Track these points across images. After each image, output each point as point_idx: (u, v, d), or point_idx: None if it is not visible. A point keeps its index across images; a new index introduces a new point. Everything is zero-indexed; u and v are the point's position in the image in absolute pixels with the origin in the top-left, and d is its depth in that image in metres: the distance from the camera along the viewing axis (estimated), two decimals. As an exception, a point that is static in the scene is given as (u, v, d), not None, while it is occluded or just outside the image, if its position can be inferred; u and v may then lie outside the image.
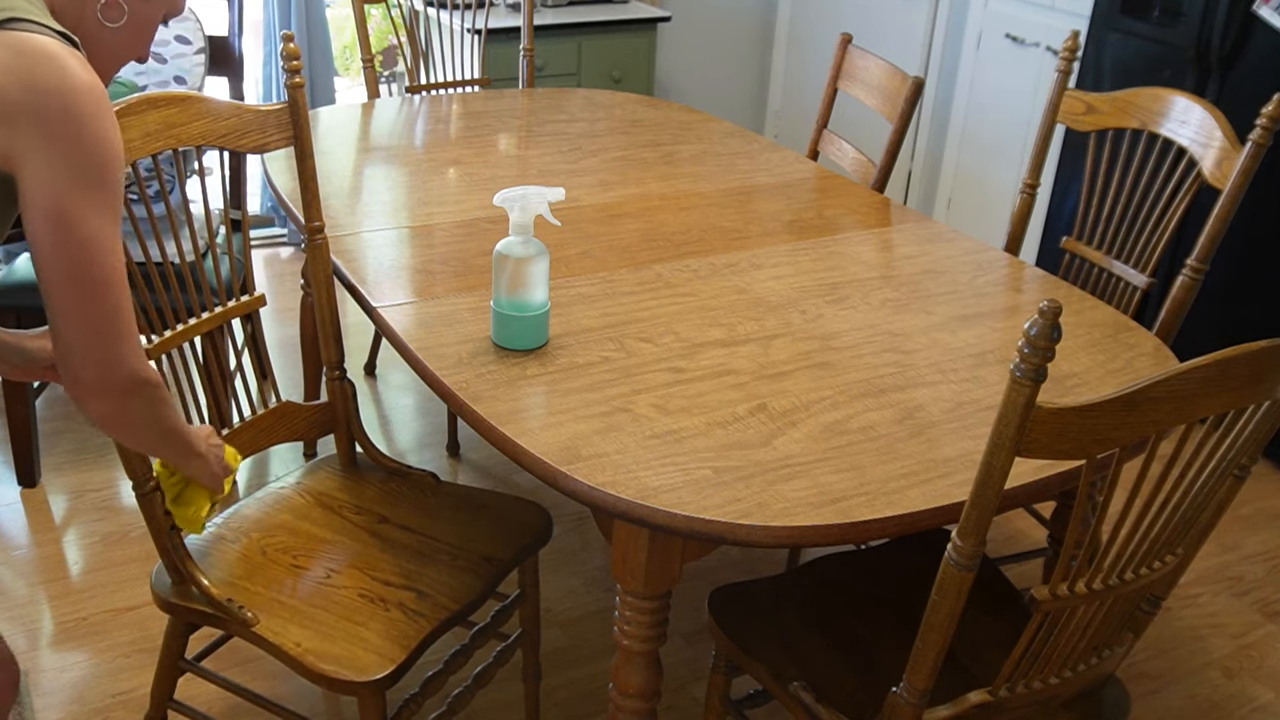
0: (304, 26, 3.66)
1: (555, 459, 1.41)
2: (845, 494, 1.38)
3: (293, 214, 2.08)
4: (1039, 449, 1.10)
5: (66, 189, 1.14)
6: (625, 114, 2.87)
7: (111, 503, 2.61)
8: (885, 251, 2.12)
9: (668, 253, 2.05)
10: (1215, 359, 1.11)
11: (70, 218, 1.14)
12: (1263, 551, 2.72)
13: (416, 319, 1.75)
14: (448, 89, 3.17)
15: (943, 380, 1.66)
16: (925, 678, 1.29)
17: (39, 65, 1.12)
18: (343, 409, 1.91)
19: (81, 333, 1.20)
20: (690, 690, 2.19)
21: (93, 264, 1.17)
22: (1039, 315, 1.05)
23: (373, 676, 1.50)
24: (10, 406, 2.58)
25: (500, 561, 1.72)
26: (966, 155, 4.03)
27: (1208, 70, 2.93)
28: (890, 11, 4.25)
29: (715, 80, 4.84)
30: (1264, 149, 1.88)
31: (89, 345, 1.21)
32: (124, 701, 2.08)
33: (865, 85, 2.67)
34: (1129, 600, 1.36)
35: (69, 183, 1.14)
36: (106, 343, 1.21)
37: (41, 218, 1.14)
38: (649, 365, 1.65)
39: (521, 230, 1.62)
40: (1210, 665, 2.35)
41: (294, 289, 3.69)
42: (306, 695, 2.12)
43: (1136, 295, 2.09)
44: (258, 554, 1.72)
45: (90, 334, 1.20)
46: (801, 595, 1.70)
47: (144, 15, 1.32)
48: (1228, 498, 1.37)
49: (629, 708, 1.55)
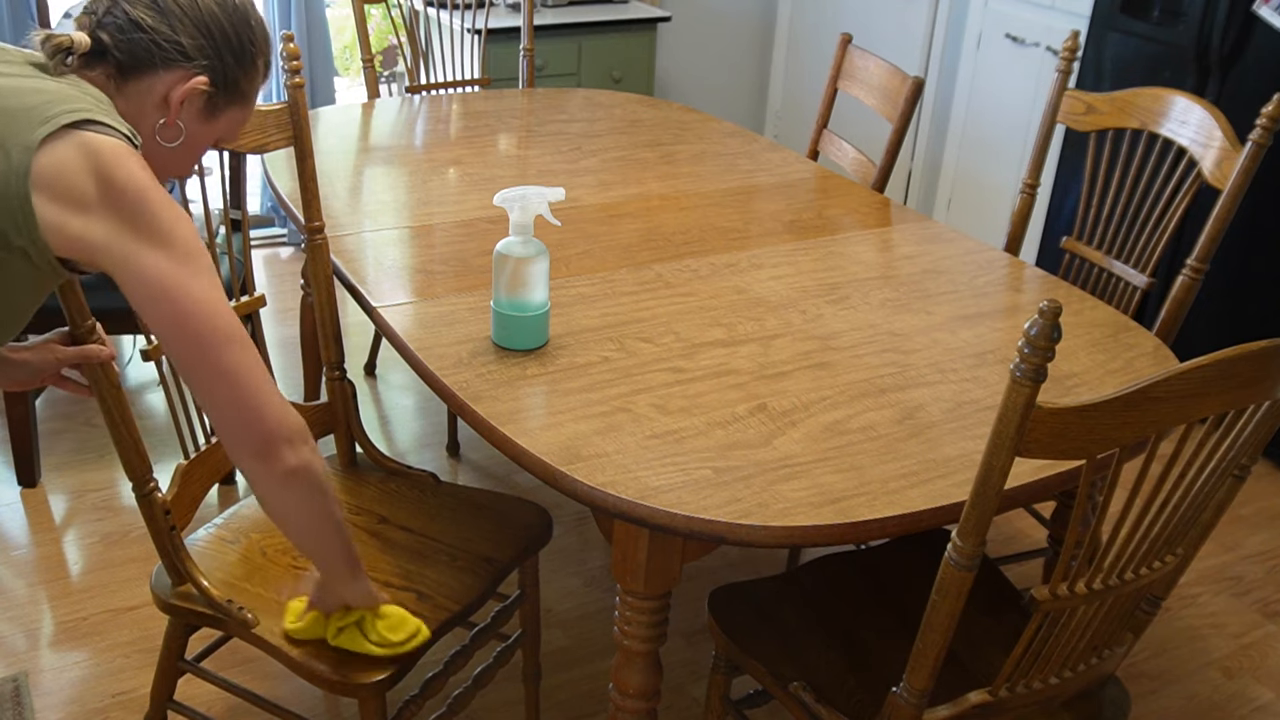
0: (304, 26, 3.66)
1: (555, 459, 1.41)
2: (845, 494, 1.38)
3: (293, 214, 2.08)
4: (1039, 449, 1.10)
5: (162, 268, 1.19)
6: (625, 114, 2.86)
7: (111, 503, 2.61)
8: (885, 251, 2.12)
9: (668, 253, 2.05)
10: (1215, 359, 1.11)
11: (174, 291, 1.19)
12: (1263, 551, 2.72)
13: (416, 319, 1.75)
14: (448, 89, 3.17)
15: (943, 380, 1.66)
16: (925, 678, 1.29)
17: (111, 163, 1.16)
18: (342, 409, 1.91)
19: (222, 394, 1.23)
20: (690, 690, 2.19)
21: (209, 322, 1.21)
22: (1039, 315, 1.05)
23: (373, 678, 1.50)
24: (10, 407, 2.58)
25: (500, 562, 1.72)
26: (966, 155, 4.03)
27: (1208, 70, 2.93)
28: (890, 11, 4.25)
29: (715, 80, 4.84)
30: (1264, 149, 1.88)
31: (231, 404, 1.24)
32: (124, 702, 2.08)
33: (865, 85, 2.67)
34: (1129, 600, 1.36)
35: (162, 262, 1.19)
36: (245, 398, 1.24)
37: (151, 302, 1.20)
38: (649, 365, 1.65)
39: (521, 230, 1.62)
40: (1210, 665, 2.35)
41: (294, 289, 3.69)
42: (306, 696, 2.12)
43: (1136, 295, 2.09)
44: (258, 555, 1.72)
45: (229, 392, 1.23)
46: (801, 595, 1.70)
47: (199, 138, 1.35)
48: (1228, 498, 1.37)
49: (629, 708, 1.55)
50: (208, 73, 1.29)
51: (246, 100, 1.37)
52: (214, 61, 1.30)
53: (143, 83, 1.27)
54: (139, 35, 1.25)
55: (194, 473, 1.67)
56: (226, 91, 1.33)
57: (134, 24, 1.25)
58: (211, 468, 1.72)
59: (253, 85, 1.36)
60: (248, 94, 1.37)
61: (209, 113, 1.33)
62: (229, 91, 1.33)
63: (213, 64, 1.30)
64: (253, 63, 1.35)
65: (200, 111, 1.32)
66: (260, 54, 1.36)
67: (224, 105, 1.34)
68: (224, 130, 1.38)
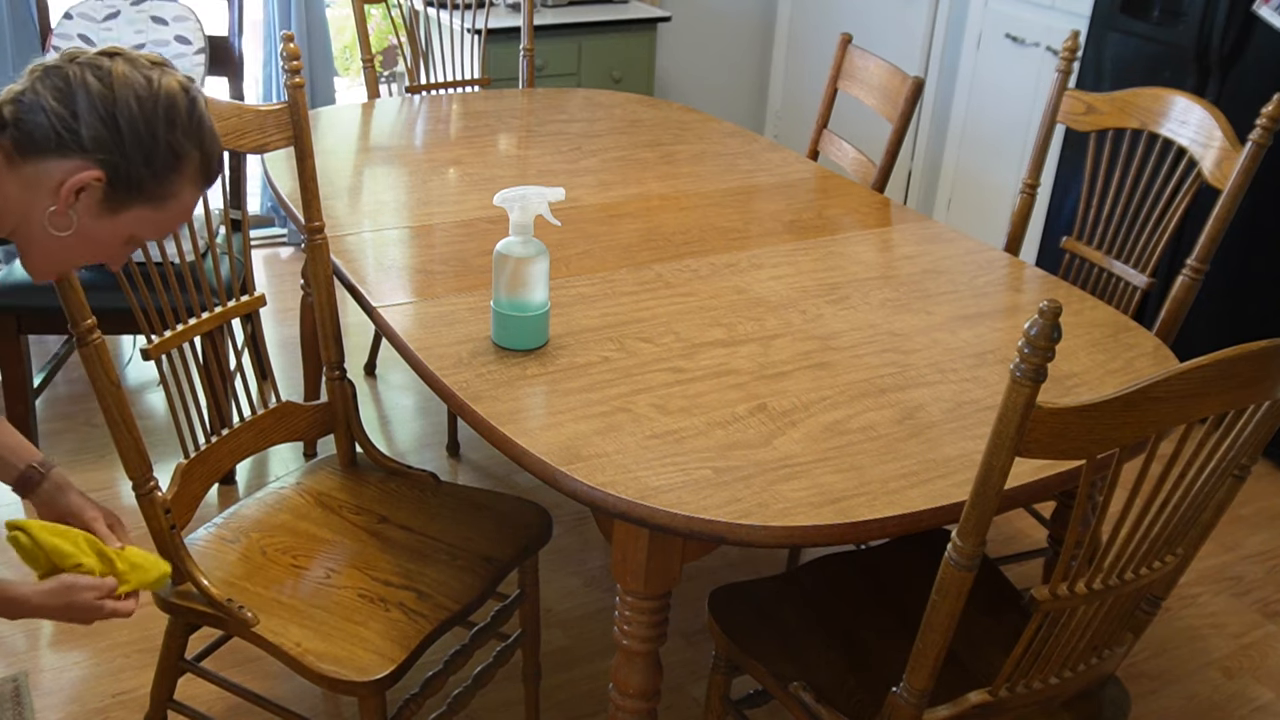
0: (304, 26, 3.66)
1: (555, 459, 1.41)
2: (845, 494, 1.38)
3: (293, 214, 2.08)
4: (1039, 449, 1.10)
5: None
6: (625, 114, 2.86)
7: (111, 503, 2.61)
8: (885, 251, 2.12)
9: (668, 253, 2.05)
10: (1215, 359, 1.11)
11: None
12: (1263, 551, 2.72)
13: (416, 319, 1.75)
14: (448, 89, 3.17)
15: (943, 380, 1.66)
16: (925, 678, 1.29)
17: None
18: (343, 409, 1.91)
19: None
20: (690, 690, 2.19)
21: None
22: (1039, 315, 1.05)
23: (373, 676, 1.50)
24: (10, 406, 2.58)
25: (500, 561, 1.72)
26: (966, 155, 4.03)
27: (1208, 70, 2.93)
28: (890, 11, 4.25)
29: (715, 80, 4.84)
30: (1264, 149, 1.88)
31: None
32: (124, 702, 2.08)
33: (865, 85, 2.67)
34: (1129, 600, 1.36)
35: None
36: None
37: None
38: (649, 365, 1.65)
39: (521, 230, 1.62)
40: (1210, 665, 2.35)
41: (294, 289, 3.69)
42: (306, 695, 2.12)
43: (1136, 295, 2.09)
44: (258, 554, 1.72)
45: None
46: (801, 595, 1.70)
47: (96, 232, 1.26)
48: (1228, 498, 1.37)
49: (629, 708, 1.55)
50: (104, 168, 1.21)
51: (161, 202, 1.27)
52: (113, 157, 1.21)
53: (39, 165, 1.20)
54: (40, 117, 1.19)
55: (194, 472, 1.67)
56: (128, 190, 1.24)
57: (39, 105, 1.19)
58: (212, 467, 1.72)
59: (169, 188, 1.26)
60: (162, 196, 1.26)
61: (108, 208, 1.24)
62: (131, 190, 1.24)
63: (112, 159, 1.21)
64: (170, 165, 1.25)
65: (97, 206, 1.23)
66: (186, 158, 1.26)
67: (126, 203, 1.25)
68: (134, 228, 1.28)
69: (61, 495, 1.49)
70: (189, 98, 1.26)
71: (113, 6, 2.82)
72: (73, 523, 1.48)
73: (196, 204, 1.33)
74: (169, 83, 1.25)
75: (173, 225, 1.32)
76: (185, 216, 1.32)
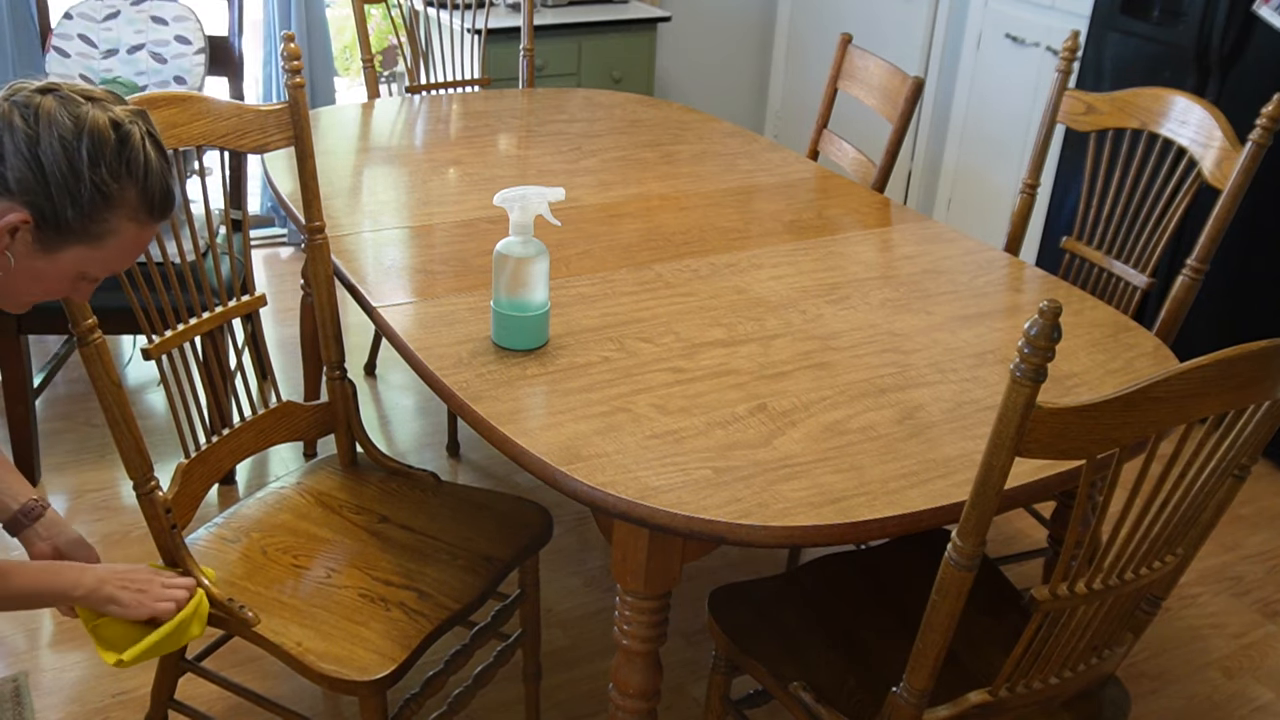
0: (304, 26, 3.66)
1: (555, 459, 1.41)
2: (845, 494, 1.38)
3: (293, 214, 2.08)
4: (1039, 449, 1.10)
5: None
6: (625, 114, 2.87)
7: (111, 503, 2.61)
8: (885, 251, 2.12)
9: (668, 253, 2.05)
10: (1215, 359, 1.11)
11: None
12: (1263, 551, 2.72)
13: (416, 319, 1.75)
14: (448, 89, 3.17)
15: (943, 380, 1.66)
16: (925, 678, 1.29)
17: None
18: (343, 409, 1.91)
19: None
20: (690, 690, 2.19)
21: None
22: (1039, 315, 1.05)
23: (374, 676, 1.50)
24: (10, 407, 2.58)
25: (501, 561, 1.72)
26: (966, 155, 4.03)
27: (1208, 70, 2.93)
28: (890, 11, 4.25)
29: (715, 80, 4.84)
30: (1264, 149, 1.88)
31: None
32: (124, 702, 2.08)
33: (865, 85, 2.67)
34: (1129, 600, 1.36)
35: None
36: None
37: None
38: (649, 365, 1.65)
39: (521, 230, 1.62)
40: (1210, 665, 2.35)
41: (294, 289, 3.69)
42: (307, 695, 2.12)
43: (1136, 295, 2.09)
44: (258, 554, 1.72)
45: None
46: (801, 595, 1.70)
47: (38, 271, 1.25)
48: (1228, 498, 1.37)
49: (629, 708, 1.55)
50: (31, 210, 1.19)
51: (98, 240, 1.24)
52: (38, 199, 1.19)
53: None
54: None
55: (194, 472, 1.67)
56: (58, 231, 1.21)
57: None
58: (212, 466, 1.72)
59: (103, 226, 1.23)
60: (97, 235, 1.23)
61: (43, 249, 1.22)
62: (62, 231, 1.21)
63: (37, 201, 1.19)
64: (99, 204, 1.21)
65: (31, 246, 1.22)
66: (117, 196, 1.22)
67: (60, 244, 1.23)
68: (79, 266, 1.26)
69: (61, 535, 1.51)
70: (119, 134, 1.22)
71: (113, 6, 2.82)
72: (75, 560, 1.51)
73: (150, 237, 1.29)
74: (97, 119, 1.21)
75: (124, 260, 1.29)
76: (137, 250, 1.29)
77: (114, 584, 1.45)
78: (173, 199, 1.29)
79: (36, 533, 1.50)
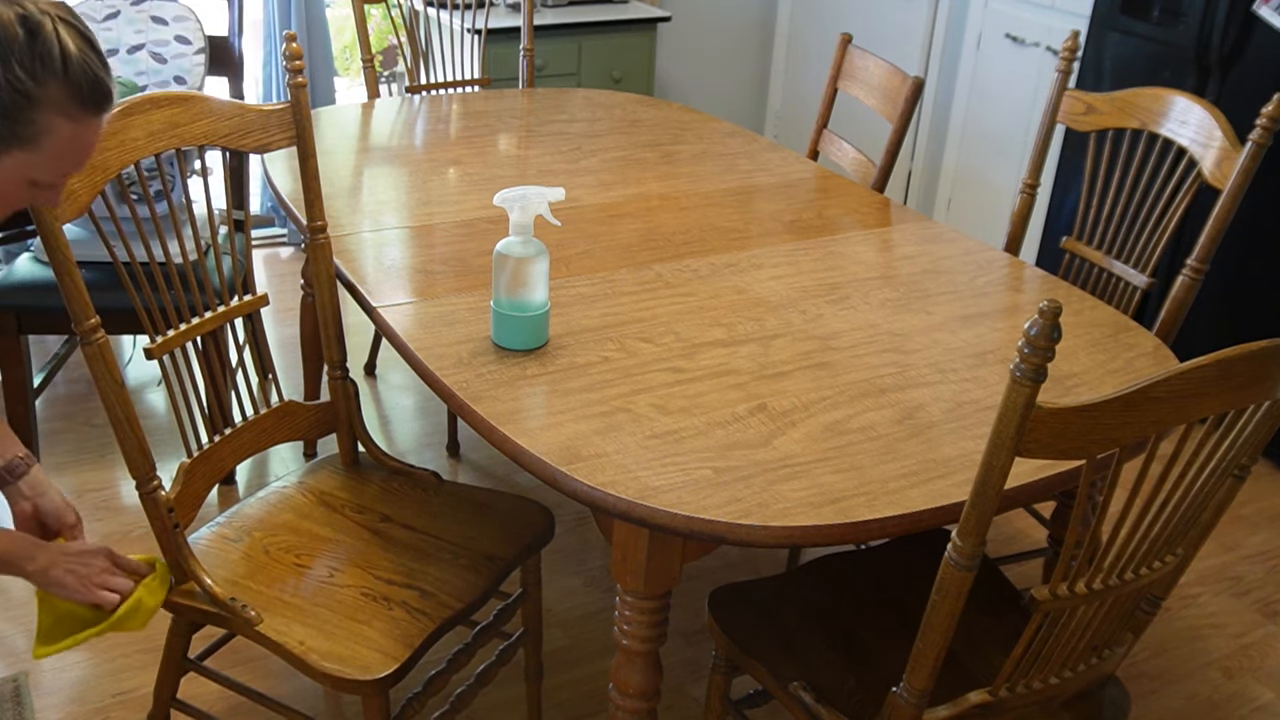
0: (304, 26, 3.66)
1: (555, 459, 1.41)
2: (845, 494, 1.38)
3: (293, 214, 2.08)
4: (1039, 449, 1.10)
5: None
6: (625, 114, 2.87)
7: (112, 502, 2.62)
8: (885, 251, 2.12)
9: (668, 253, 2.05)
10: (1215, 359, 1.11)
11: None
12: (1263, 551, 2.72)
13: (416, 319, 1.75)
14: (448, 89, 3.18)
15: (943, 380, 1.66)
16: (925, 678, 1.29)
17: None
18: (344, 408, 1.91)
19: None
20: (690, 690, 2.20)
21: None
22: (1039, 315, 1.05)
23: (376, 675, 1.50)
24: (10, 406, 2.58)
25: (503, 560, 1.72)
26: (966, 155, 4.03)
27: (1208, 70, 2.93)
28: (890, 11, 4.25)
29: (715, 80, 4.84)
30: (1264, 149, 1.88)
31: None
32: (124, 701, 2.08)
33: (865, 85, 2.67)
34: (1129, 600, 1.36)
35: None
36: None
37: None
38: (649, 365, 1.65)
39: (521, 230, 1.62)
40: (1210, 665, 2.36)
41: (294, 289, 3.69)
42: (309, 694, 2.12)
43: (1136, 295, 2.09)
44: (260, 553, 1.72)
45: None
46: (801, 595, 1.70)
47: None
48: (1228, 498, 1.37)
49: (629, 708, 1.55)
50: None
51: (32, 143, 1.18)
52: None
53: None
54: None
55: (196, 471, 1.67)
56: None
57: None
58: (214, 466, 1.72)
59: (32, 128, 1.17)
60: (29, 137, 1.18)
61: None
62: None
63: None
64: (20, 104, 1.16)
65: None
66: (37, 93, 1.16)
67: None
68: (26, 171, 1.21)
69: (43, 496, 1.50)
70: (28, 27, 1.15)
71: (113, 6, 2.82)
72: (50, 524, 1.51)
73: (94, 131, 1.23)
74: (2, 15, 1.14)
75: (72, 159, 1.23)
76: (81, 147, 1.23)
77: (62, 566, 1.45)
78: (103, 87, 1.22)
79: (19, 490, 1.50)
